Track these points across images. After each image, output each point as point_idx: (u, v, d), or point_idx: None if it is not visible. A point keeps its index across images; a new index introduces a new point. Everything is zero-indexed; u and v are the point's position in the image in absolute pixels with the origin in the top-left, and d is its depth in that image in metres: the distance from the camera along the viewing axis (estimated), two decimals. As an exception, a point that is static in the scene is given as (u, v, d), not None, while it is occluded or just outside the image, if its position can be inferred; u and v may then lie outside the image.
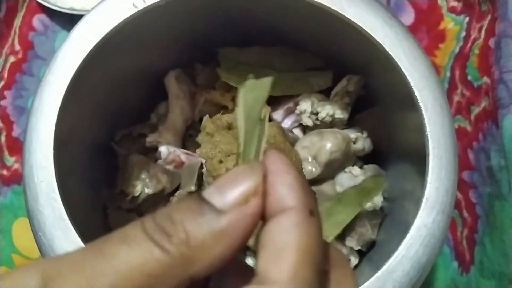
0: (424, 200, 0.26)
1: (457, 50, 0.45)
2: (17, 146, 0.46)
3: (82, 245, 0.25)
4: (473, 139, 0.41)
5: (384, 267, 0.26)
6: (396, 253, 0.26)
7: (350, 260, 0.36)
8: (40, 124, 0.27)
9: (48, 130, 0.27)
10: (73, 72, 0.28)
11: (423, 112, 0.27)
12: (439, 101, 0.27)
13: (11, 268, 0.44)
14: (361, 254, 0.37)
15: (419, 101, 0.27)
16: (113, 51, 0.31)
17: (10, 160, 0.46)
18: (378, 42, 0.28)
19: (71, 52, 0.29)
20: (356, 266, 0.36)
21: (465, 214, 0.42)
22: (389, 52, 0.28)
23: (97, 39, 0.29)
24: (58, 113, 0.27)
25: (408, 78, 0.28)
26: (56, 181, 0.26)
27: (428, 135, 0.27)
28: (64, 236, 0.26)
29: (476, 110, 0.41)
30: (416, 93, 0.27)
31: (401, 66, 0.28)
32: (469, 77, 0.42)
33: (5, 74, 0.47)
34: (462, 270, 0.41)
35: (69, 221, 0.26)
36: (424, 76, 0.28)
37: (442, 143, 0.27)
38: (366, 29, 0.29)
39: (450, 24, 0.46)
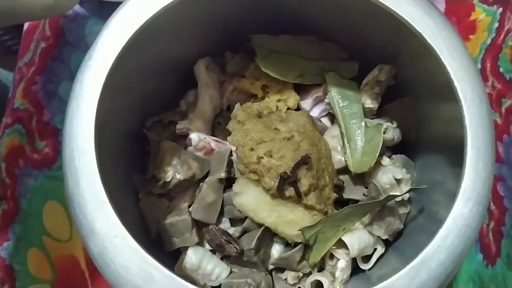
0: (461, 191, 0.26)
1: (488, 41, 0.44)
2: (47, 131, 0.47)
3: (123, 228, 0.26)
4: (503, 132, 0.40)
5: (419, 257, 0.26)
6: (431, 243, 0.26)
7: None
8: (81, 109, 0.28)
9: (89, 115, 0.27)
10: (113, 59, 0.29)
11: (462, 102, 0.27)
12: (478, 92, 0.27)
13: (42, 250, 0.45)
14: (387, 243, 0.37)
15: (458, 91, 0.27)
16: (148, 39, 0.32)
17: (40, 144, 0.47)
18: (417, 30, 0.28)
19: (111, 39, 0.29)
20: (382, 255, 0.36)
21: (492, 207, 0.41)
22: (429, 41, 0.28)
23: (136, 27, 0.30)
24: (99, 99, 0.28)
25: (448, 68, 0.28)
26: (97, 165, 0.27)
27: (467, 126, 0.27)
28: (104, 218, 0.26)
29: (507, 103, 0.40)
30: (455, 83, 0.27)
31: (440, 56, 0.28)
32: (501, 69, 0.42)
33: (36, 60, 0.48)
34: (488, 262, 0.41)
35: (109, 204, 0.26)
36: (463, 67, 0.28)
37: (480, 134, 0.27)
38: (405, 17, 0.28)
39: (481, 15, 0.46)
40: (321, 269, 0.37)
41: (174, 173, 0.37)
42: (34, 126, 0.47)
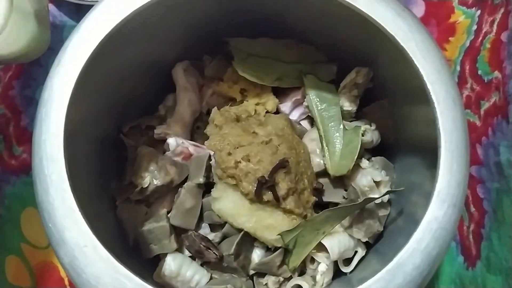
0: (435, 193, 0.26)
1: (467, 43, 0.44)
2: (25, 136, 0.46)
3: (93, 237, 0.25)
4: (482, 134, 0.40)
5: (395, 260, 0.26)
6: (406, 246, 0.26)
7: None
8: (50, 116, 0.27)
9: (58, 121, 0.27)
10: (83, 63, 0.28)
11: (435, 105, 0.27)
12: (452, 94, 0.27)
13: (20, 258, 0.44)
14: (367, 245, 0.37)
15: (431, 94, 0.27)
16: (122, 42, 0.31)
17: (18, 150, 0.46)
18: (390, 34, 0.28)
19: (81, 43, 0.29)
20: (363, 258, 0.36)
21: (472, 209, 0.41)
22: (402, 44, 0.28)
23: (107, 30, 0.29)
24: (68, 105, 0.27)
25: (421, 70, 0.27)
26: (66, 172, 0.26)
27: (440, 128, 0.27)
28: (74, 227, 0.26)
29: (486, 105, 0.41)
30: (429, 86, 0.27)
31: (413, 59, 0.28)
32: (480, 72, 0.42)
33: (13, 64, 0.47)
34: (468, 265, 0.41)
35: (79, 212, 0.26)
36: (436, 69, 0.28)
37: (454, 136, 0.27)
38: (378, 21, 0.28)
39: (461, 17, 0.46)
40: (302, 273, 0.37)
41: (151, 179, 0.36)
42: (11, 132, 0.46)
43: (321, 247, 0.35)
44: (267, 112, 0.38)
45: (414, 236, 0.26)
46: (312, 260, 0.36)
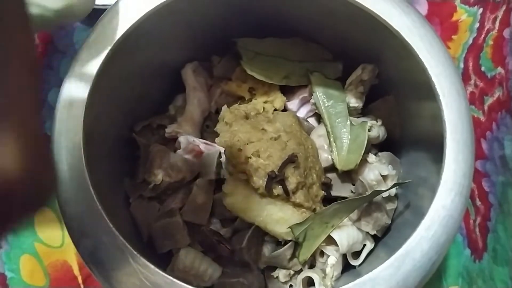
0: (442, 182, 0.27)
1: (470, 41, 0.45)
2: (38, 138, 0.47)
3: (111, 227, 0.26)
4: (487, 129, 0.41)
5: (403, 248, 0.26)
6: (414, 234, 0.27)
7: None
8: (69, 115, 0.28)
9: (77, 119, 0.28)
10: (100, 63, 0.29)
11: (440, 97, 0.28)
12: (456, 86, 0.28)
13: (34, 257, 0.45)
14: (376, 239, 0.37)
15: (436, 86, 0.28)
16: (135, 44, 0.32)
17: (31, 151, 0.47)
18: (395, 29, 0.29)
19: (98, 43, 0.30)
20: (371, 251, 0.37)
21: (478, 202, 0.42)
22: (407, 40, 0.29)
23: (123, 31, 0.30)
24: (86, 105, 0.28)
25: (425, 64, 0.28)
26: (86, 169, 0.27)
27: (446, 120, 0.28)
28: (94, 220, 0.27)
29: (489, 100, 0.41)
30: (433, 79, 0.28)
31: (418, 53, 0.29)
32: (483, 68, 0.43)
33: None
34: (475, 257, 0.42)
35: (99, 206, 0.27)
36: (440, 63, 0.28)
37: (459, 127, 0.28)
38: (383, 17, 0.29)
39: (463, 15, 0.47)
40: (312, 266, 0.37)
41: (164, 176, 0.37)
42: (25, 134, 0.47)
43: (330, 241, 0.36)
44: (275, 110, 0.39)
45: (422, 224, 0.27)
46: (322, 253, 0.37)
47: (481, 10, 0.46)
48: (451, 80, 0.28)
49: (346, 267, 0.37)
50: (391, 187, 0.35)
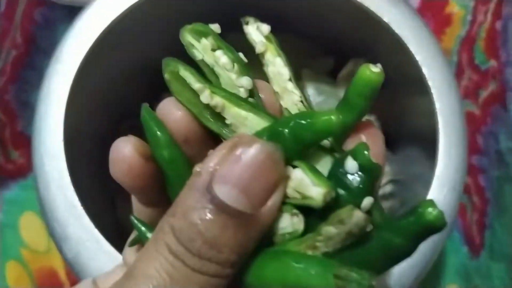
0: (435, 177, 0.26)
1: (463, 34, 0.45)
2: (21, 140, 0.46)
3: (96, 231, 0.25)
4: (481, 123, 0.41)
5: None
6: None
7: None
8: (49, 113, 0.27)
9: (58, 118, 0.27)
10: (80, 61, 0.28)
11: (432, 90, 0.27)
12: (448, 79, 0.27)
13: (20, 263, 0.44)
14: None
15: (427, 79, 0.27)
16: (116, 41, 0.31)
17: (15, 154, 0.46)
18: (384, 22, 0.28)
19: (77, 41, 0.28)
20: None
21: (475, 198, 0.41)
22: (396, 32, 0.28)
23: (104, 27, 0.29)
24: (67, 102, 0.27)
25: (416, 57, 0.27)
26: (68, 169, 0.26)
27: (438, 114, 0.27)
28: (77, 223, 0.25)
29: (484, 94, 0.41)
30: (424, 72, 0.27)
31: (408, 46, 0.28)
32: (476, 61, 0.42)
33: (8, 68, 0.47)
34: (472, 254, 0.41)
35: (81, 208, 0.26)
36: (431, 56, 0.28)
37: (451, 121, 0.27)
38: (372, 9, 0.28)
39: (455, 8, 0.46)
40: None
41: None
42: (7, 136, 0.46)
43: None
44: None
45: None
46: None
47: (473, 2, 0.45)
48: (442, 73, 0.27)
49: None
50: (385, 184, 0.34)
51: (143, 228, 0.18)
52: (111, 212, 0.36)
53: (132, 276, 0.14)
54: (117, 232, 0.36)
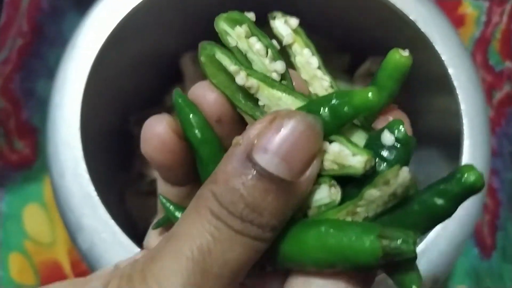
0: (459, 179, 0.26)
1: (477, 35, 0.44)
2: (26, 130, 0.45)
3: (112, 222, 0.25)
4: (496, 124, 0.40)
5: (420, 247, 0.25)
6: (430, 233, 0.25)
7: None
8: (65, 101, 0.26)
9: (74, 107, 0.26)
10: (98, 50, 0.28)
11: (458, 90, 0.27)
12: (473, 80, 0.27)
13: (23, 255, 0.43)
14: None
15: (453, 79, 0.27)
16: (131, 32, 0.31)
17: (19, 144, 0.45)
18: (410, 19, 0.28)
19: (96, 28, 0.28)
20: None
21: (487, 200, 0.41)
22: (422, 31, 0.27)
23: (121, 17, 0.28)
24: (83, 92, 0.27)
25: (442, 56, 0.27)
26: (83, 159, 0.25)
27: (463, 115, 0.26)
28: (92, 213, 0.25)
29: (498, 95, 0.40)
30: (450, 71, 0.27)
31: (434, 44, 0.27)
32: (491, 62, 0.42)
33: (14, 57, 0.46)
34: (483, 256, 0.41)
35: (97, 198, 0.25)
36: (457, 55, 0.27)
37: (476, 122, 0.26)
38: (398, 6, 0.28)
39: (468, 9, 0.46)
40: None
41: (162, 170, 0.35)
42: (12, 126, 0.45)
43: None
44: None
45: (439, 222, 0.25)
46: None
47: (487, 3, 0.45)
48: (468, 73, 0.27)
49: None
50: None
51: (171, 207, 0.18)
52: (119, 203, 0.36)
53: (174, 237, 0.14)
54: (126, 223, 0.35)
